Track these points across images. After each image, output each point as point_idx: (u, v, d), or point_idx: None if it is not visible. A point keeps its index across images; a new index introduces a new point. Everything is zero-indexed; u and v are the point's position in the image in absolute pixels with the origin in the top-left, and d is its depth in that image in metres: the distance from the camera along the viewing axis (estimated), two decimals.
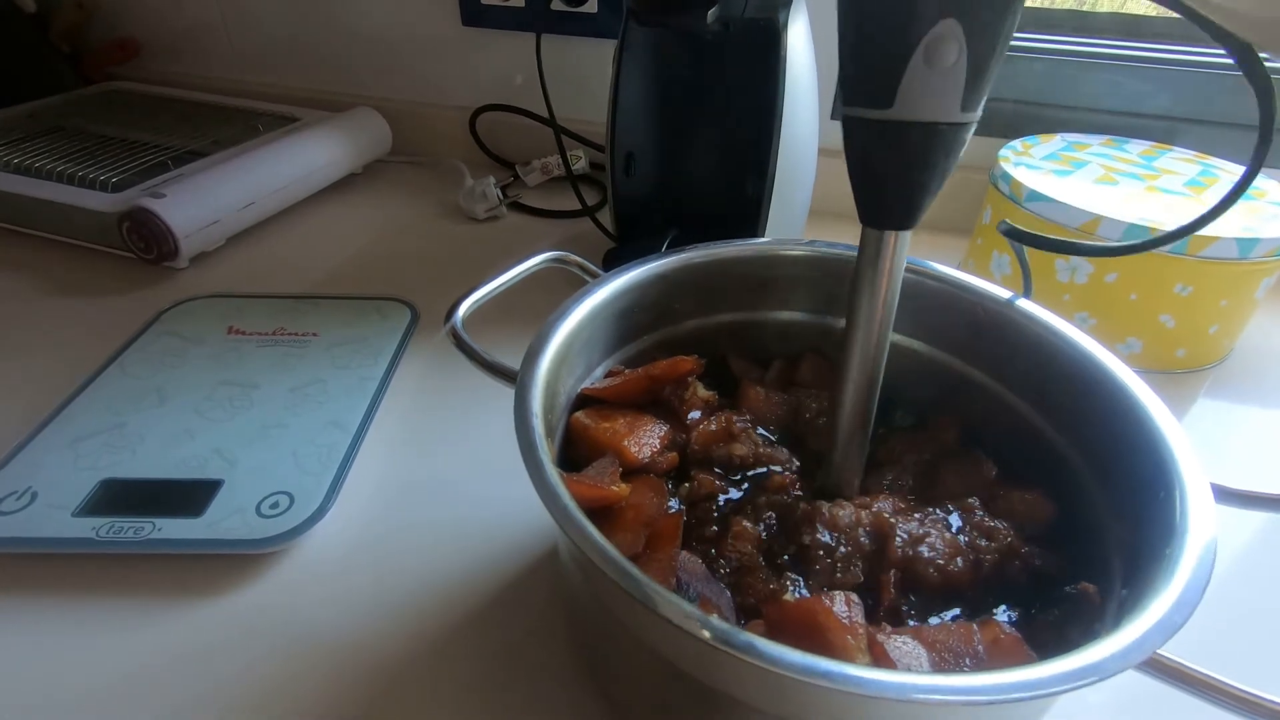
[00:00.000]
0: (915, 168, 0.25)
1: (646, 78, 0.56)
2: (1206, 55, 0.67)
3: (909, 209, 0.27)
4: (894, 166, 0.25)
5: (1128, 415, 0.30)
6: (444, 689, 0.32)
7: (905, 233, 0.27)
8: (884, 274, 0.28)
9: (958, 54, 0.23)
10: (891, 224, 0.27)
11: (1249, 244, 0.48)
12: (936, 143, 0.24)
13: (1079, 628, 0.26)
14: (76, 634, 0.34)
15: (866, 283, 0.29)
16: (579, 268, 0.40)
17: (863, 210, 0.28)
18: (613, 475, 0.30)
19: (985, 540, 0.31)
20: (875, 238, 0.28)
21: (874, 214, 0.27)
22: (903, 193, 0.26)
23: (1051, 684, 0.20)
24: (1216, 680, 0.21)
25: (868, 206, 0.27)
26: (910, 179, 0.25)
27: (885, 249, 0.28)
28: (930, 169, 0.25)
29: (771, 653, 0.20)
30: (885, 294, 0.29)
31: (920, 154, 0.25)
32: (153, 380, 0.47)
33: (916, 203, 0.26)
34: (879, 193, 0.27)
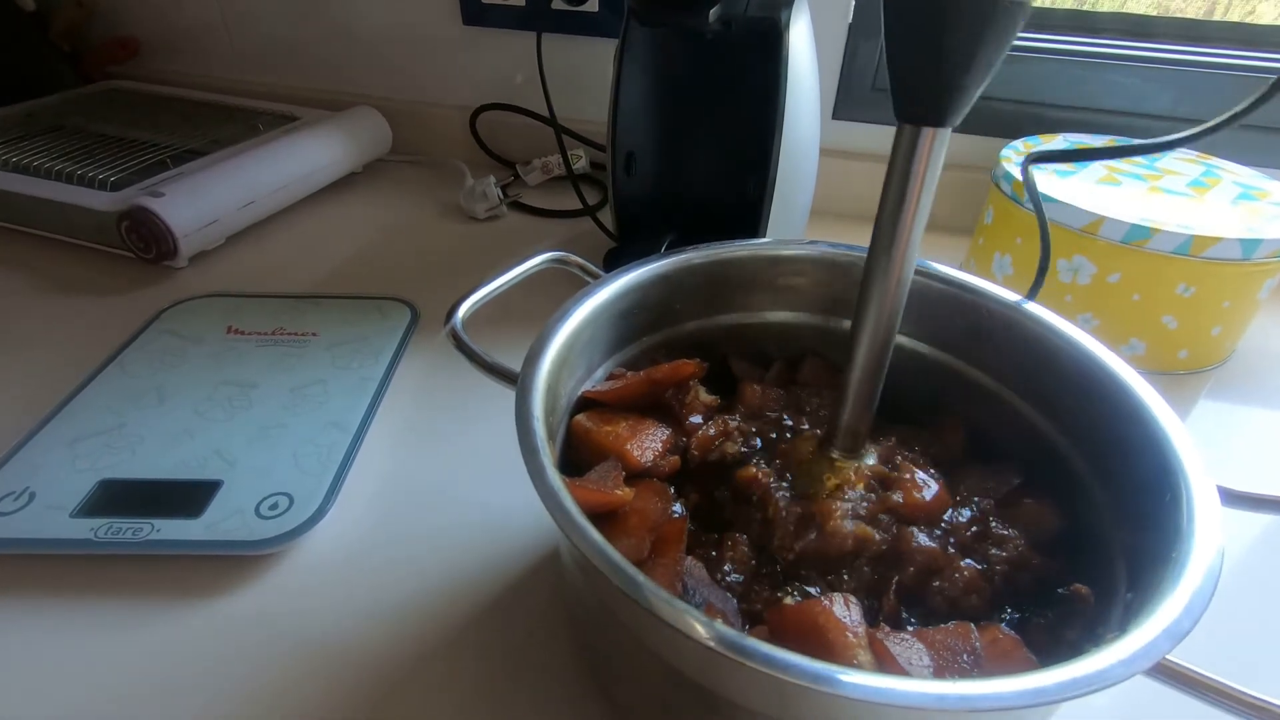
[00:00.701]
0: (962, 51, 0.23)
1: (647, 77, 0.56)
2: (1209, 55, 0.67)
3: (954, 98, 0.24)
4: (940, 43, 0.23)
5: (1132, 418, 0.29)
6: (445, 691, 0.32)
7: (945, 132, 0.25)
8: (918, 178, 0.26)
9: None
10: (932, 118, 0.25)
11: (1252, 245, 0.48)
12: (990, 22, 0.22)
13: (1074, 629, 0.26)
14: (74, 635, 0.34)
15: (896, 188, 0.26)
16: (579, 268, 0.40)
17: (900, 101, 0.25)
18: (616, 479, 0.30)
19: (996, 549, 0.31)
20: (911, 136, 0.25)
21: (912, 105, 0.25)
22: (947, 77, 0.23)
23: (1059, 691, 0.19)
24: (1224, 685, 0.20)
25: (906, 95, 0.25)
26: (957, 60, 0.23)
27: (921, 148, 0.25)
28: (977, 54, 0.22)
29: (776, 658, 0.20)
30: (916, 204, 0.26)
31: (972, 35, 0.22)
32: (152, 380, 0.47)
33: (961, 92, 0.24)
34: (920, 77, 0.24)
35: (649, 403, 0.35)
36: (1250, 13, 0.72)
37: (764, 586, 0.28)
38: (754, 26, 0.50)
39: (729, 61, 0.53)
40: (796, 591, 0.28)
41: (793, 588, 0.28)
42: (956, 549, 0.31)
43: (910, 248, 0.27)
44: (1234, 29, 0.69)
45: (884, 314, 0.29)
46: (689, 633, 0.20)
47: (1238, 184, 0.56)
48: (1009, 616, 0.29)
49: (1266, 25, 0.68)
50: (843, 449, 0.32)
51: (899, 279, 0.28)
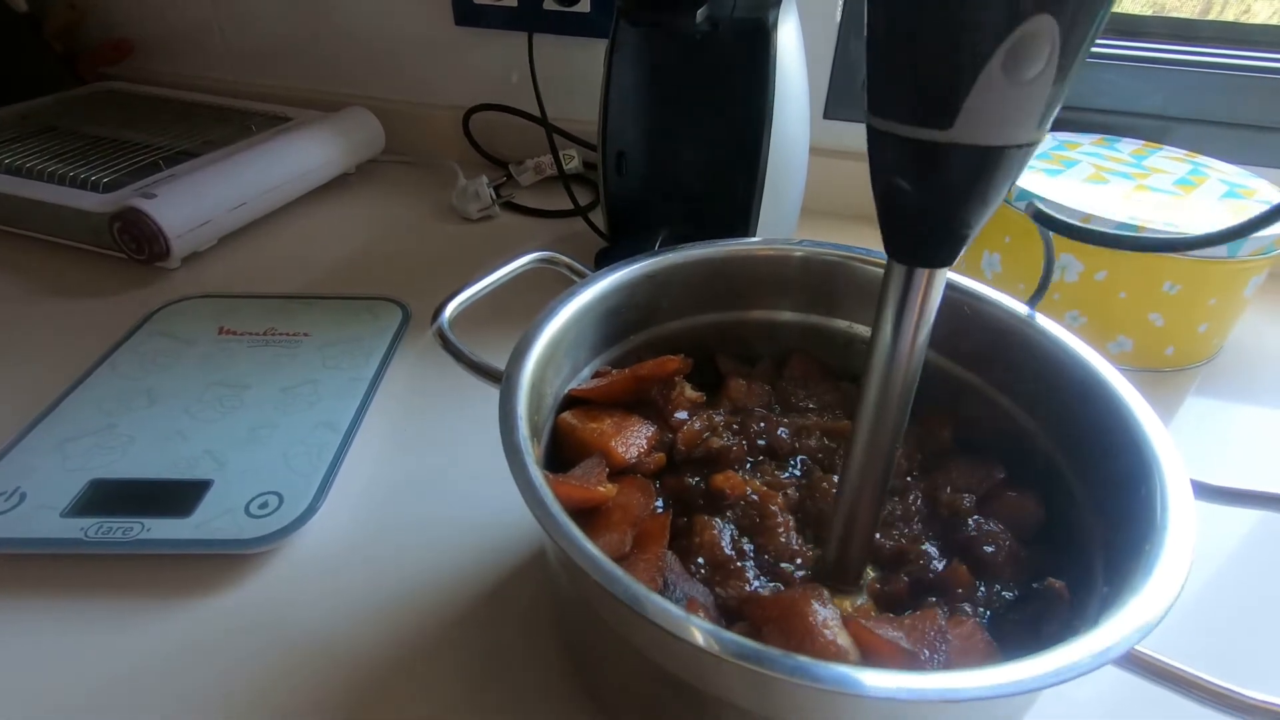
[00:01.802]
0: (971, 199, 0.20)
1: (638, 77, 0.56)
2: (1199, 54, 0.67)
3: (954, 244, 0.22)
4: (943, 197, 0.21)
5: (1109, 413, 0.30)
6: (431, 689, 0.32)
7: (943, 270, 0.23)
8: (913, 317, 0.23)
9: (1047, 59, 0.18)
10: (929, 261, 0.22)
11: (1237, 243, 0.48)
12: (1002, 169, 0.20)
13: (1051, 624, 0.27)
14: (65, 635, 0.34)
15: (891, 327, 0.24)
16: (567, 268, 0.40)
17: (892, 244, 0.23)
18: (599, 476, 0.30)
19: (988, 546, 0.31)
20: (904, 275, 0.23)
21: (908, 249, 0.22)
22: (949, 226, 0.21)
23: (1032, 683, 0.20)
24: (1194, 676, 0.21)
25: (900, 240, 0.23)
26: (962, 212, 0.21)
27: (915, 289, 0.23)
28: (989, 200, 0.20)
29: (758, 653, 0.20)
30: (914, 342, 0.24)
31: (980, 183, 0.20)
32: (143, 381, 0.47)
33: (963, 237, 0.21)
34: (917, 225, 0.22)
35: (635, 399, 0.36)
36: (1245, 12, 0.72)
37: (738, 578, 0.29)
38: (742, 27, 0.51)
39: (718, 62, 0.53)
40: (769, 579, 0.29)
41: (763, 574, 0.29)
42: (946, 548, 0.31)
43: (910, 380, 0.25)
44: (1228, 28, 0.69)
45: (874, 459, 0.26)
46: (671, 629, 0.21)
47: (1224, 182, 0.57)
48: (984, 612, 0.29)
49: (1259, 25, 0.69)
50: (837, 583, 0.29)
51: (895, 423, 0.26)
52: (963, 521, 0.31)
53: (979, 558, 0.30)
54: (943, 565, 0.30)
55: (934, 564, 0.30)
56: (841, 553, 0.29)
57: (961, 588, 0.29)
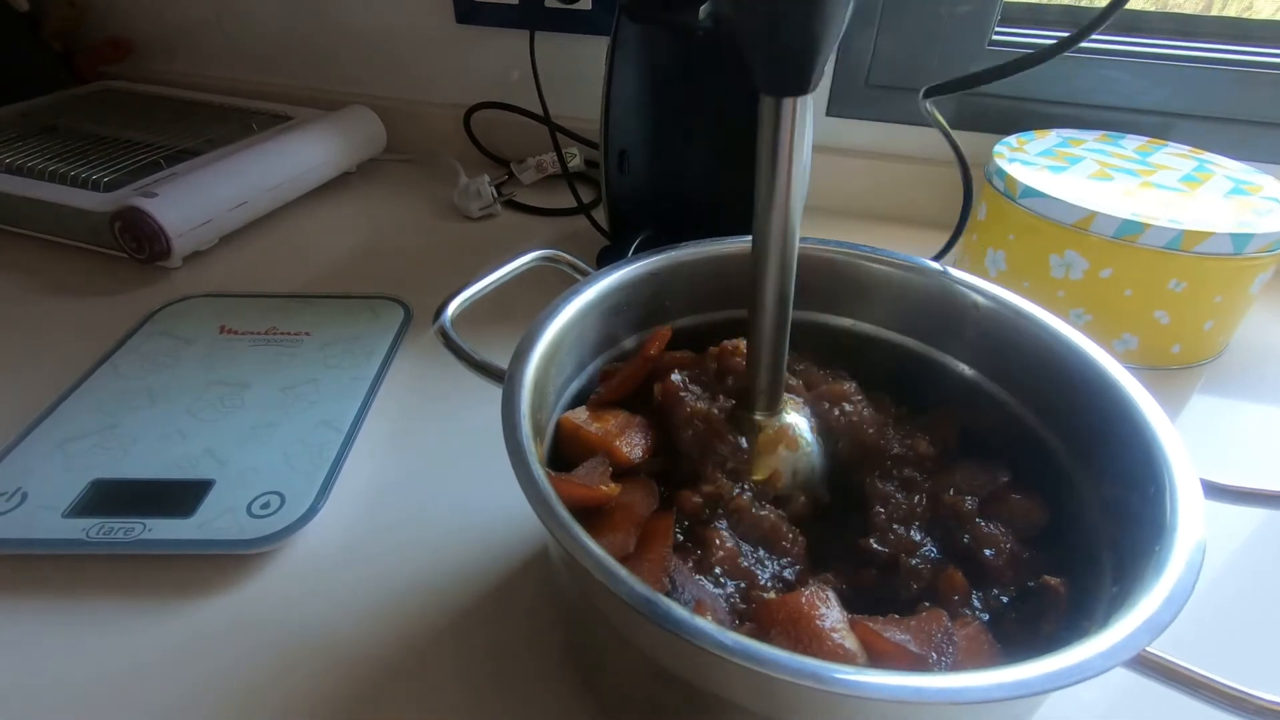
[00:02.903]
0: (809, 22, 0.23)
1: (640, 75, 0.56)
2: (1203, 50, 0.66)
3: (807, 66, 0.25)
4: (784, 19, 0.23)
5: (1117, 411, 0.29)
6: (434, 689, 0.32)
7: (807, 99, 0.26)
8: (786, 147, 0.26)
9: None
10: (793, 88, 0.25)
11: (1243, 239, 0.48)
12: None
13: (1049, 622, 0.26)
14: (66, 635, 0.34)
15: (767, 161, 0.27)
16: (570, 266, 0.40)
17: (760, 76, 0.26)
18: (602, 475, 0.30)
19: (988, 550, 0.31)
20: (774, 107, 0.26)
21: (773, 76, 0.25)
22: (800, 43, 0.24)
23: (1040, 684, 0.20)
24: (1204, 677, 0.21)
25: (765, 70, 0.25)
26: (807, 25, 0.23)
27: (785, 117, 0.26)
28: (825, 23, 0.23)
29: (763, 655, 0.20)
30: (790, 171, 0.27)
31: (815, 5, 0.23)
32: (144, 380, 0.47)
33: (815, 53, 0.24)
34: (774, 48, 0.25)
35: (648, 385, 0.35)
36: (1247, 8, 0.72)
37: (752, 584, 0.28)
38: None
39: (720, 58, 0.53)
40: (778, 585, 0.28)
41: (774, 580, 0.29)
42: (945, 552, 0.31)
43: (791, 212, 0.28)
44: (1230, 24, 0.69)
45: (780, 274, 0.30)
46: (677, 630, 0.20)
47: (1230, 178, 0.56)
48: (979, 611, 0.29)
49: (1263, 20, 0.68)
50: (762, 409, 0.33)
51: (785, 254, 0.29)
52: (963, 525, 0.31)
53: (979, 562, 0.30)
54: (935, 574, 0.30)
55: (926, 569, 0.30)
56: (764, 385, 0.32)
57: (957, 594, 0.29)
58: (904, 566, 0.30)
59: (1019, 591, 0.29)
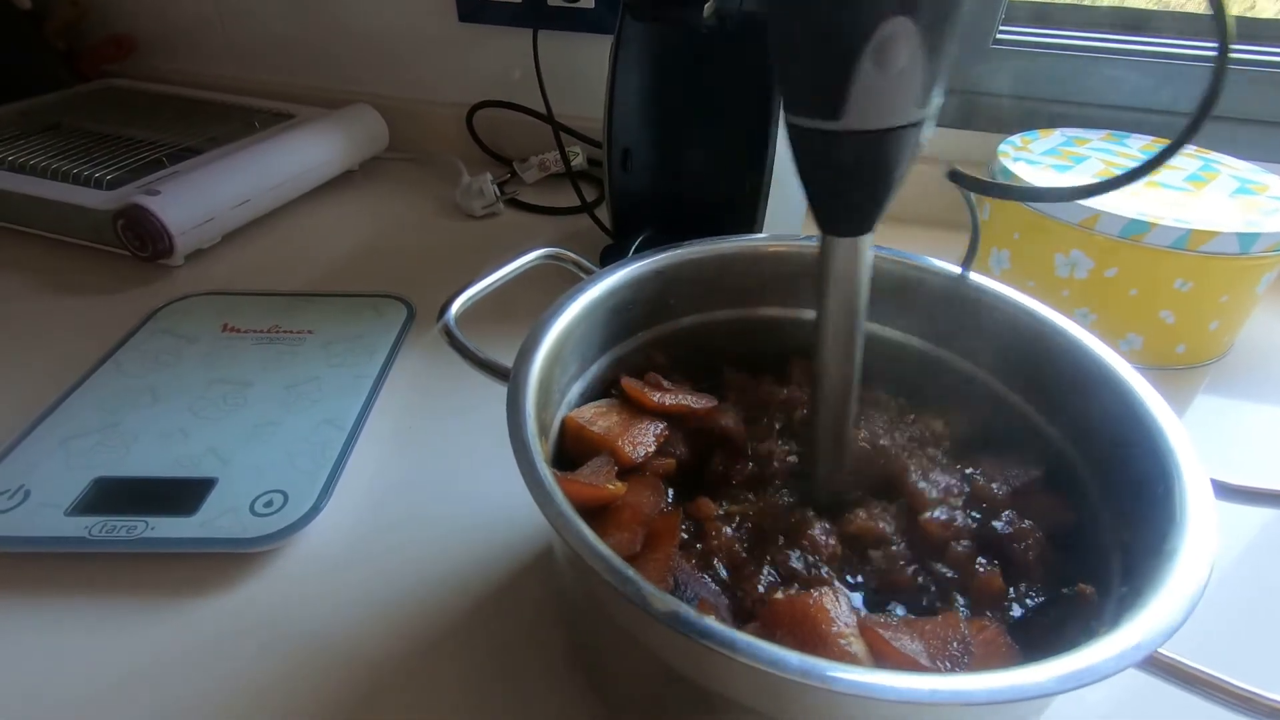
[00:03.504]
0: (876, 174, 0.24)
1: (643, 73, 0.55)
2: (1208, 50, 0.66)
3: (870, 214, 0.25)
4: (851, 176, 0.24)
5: (1126, 411, 0.29)
6: (437, 688, 0.32)
7: (868, 236, 0.26)
8: (847, 280, 0.27)
9: (910, 54, 0.21)
10: (852, 230, 0.26)
11: (1250, 239, 0.48)
12: (895, 146, 0.23)
13: (1077, 627, 0.26)
14: (68, 634, 0.34)
15: (834, 289, 0.28)
16: (574, 264, 0.40)
17: (820, 218, 0.27)
18: (608, 474, 0.30)
19: (1018, 545, 0.30)
20: (835, 244, 0.27)
21: (833, 222, 0.26)
22: (863, 199, 0.25)
23: (1052, 686, 0.19)
24: (1215, 678, 0.20)
25: (826, 215, 0.26)
26: (870, 186, 0.24)
27: (845, 255, 0.27)
28: (891, 173, 0.24)
29: (770, 654, 0.20)
30: (854, 299, 0.28)
31: (879, 160, 0.23)
32: (147, 379, 0.47)
33: (877, 206, 0.25)
34: (836, 201, 0.26)
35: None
36: (1250, 7, 0.72)
37: (753, 580, 0.28)
38: (748, 21, 0.50)
39: (724, 56, 0.53)
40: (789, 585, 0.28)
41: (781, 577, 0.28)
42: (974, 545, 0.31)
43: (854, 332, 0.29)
44: (1236, 24, 0.69)
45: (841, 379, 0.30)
46: (683, 630, 0.20)
47: (1236, 178, 0.56)
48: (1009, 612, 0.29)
49: (1267, 19, 0.68)
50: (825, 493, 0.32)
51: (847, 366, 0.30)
52: (996, 514, 0.31)
53: (1010, 555, 0.30)
54: (969, 564, 0.29)
55: (966, 557, 0.30)
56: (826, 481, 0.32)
57: (992, 596, 0.29)
58: (950, 554, 0.30)
59: (1050, 596, 0.29)
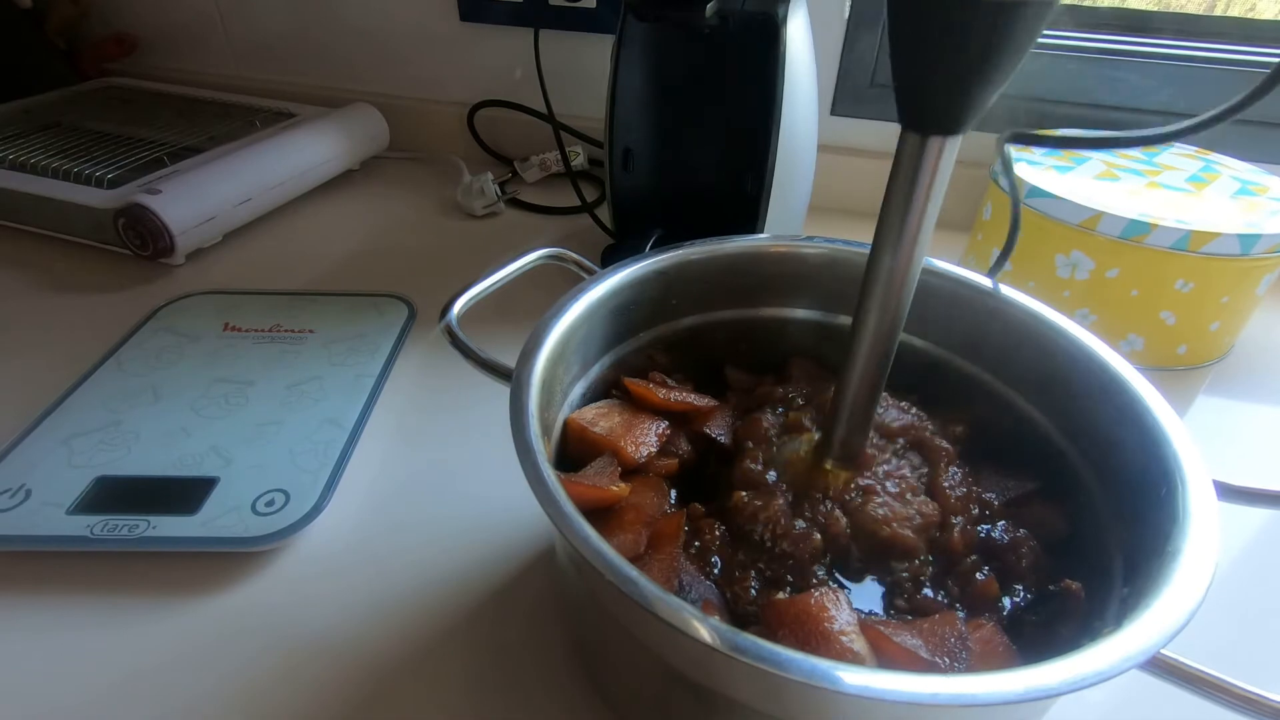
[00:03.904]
0: (991, 53, 0.20)
1: (645, 73, 0.55)
2: (1208, 50, 0.66)
3: (967, 107, 0.21)
4: (964, 52, 0.20)
5: (1128, 412, 0.29)
6: (439, 688, 0.32)
7: (955, 139, 0.22)
8: (923, 191, 0.23)
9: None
10: (941, 127, 0.22)
11: (1250, 240, 0.48)
12: (1020, 25, 0.19)
13: (1067, 626, 0.26)
14: (70, 632, 0.34)
15: (900, 201, 0.24)
16: (576, 264, 0.40)
17: (906, 109, 0.22)
18: (611, 475, 0.30)
19: (1014, 555, 0.30)
20: (917, 145, 0.23)
21: (921, 114, 0.22)
22: (965, 86, 0.21)
23: (1056, 688, 0.19)
24: (1218, 679, 0.20)
25: (914, 104, 0.22)
26: (979, 69, 0.20)
27: (928, 159, 0.23)
28: (1006, 59, 0.20)
29: (774, 655, 0.20)
30: (922, 217, 0.24)
31: (1001, 38, 0.19)
32: (148, 377, 0.47)
33: (977, 100, 0.21)
34: (932, 85, 0.21)
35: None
36: (1251, 8, 0.72)
37: (751, 579, 0.28)
38: (750, 21, 0.50)
39: (726, 56, 0.53)
40: (789, 586, 0.28)
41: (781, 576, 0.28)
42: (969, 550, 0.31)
43: (914, 261, 0.25)
44: (1234, 24, 0.69)
45: (885, 322, 0.27)
46: (686, 630, 0.20)
47: (1236, 179, 0.56)
48: (1003, 614, 0.29)
49: (1268, 20, 0.68)
50: (837, 460, 0.31)
51: (901, 289, 0.26)
52: (992, 524, 0.31)
53: (1006, 564, 0.30)
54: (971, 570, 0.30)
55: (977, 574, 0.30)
56: (846, 435, 0.30)
57: (989, 601, 0.29)
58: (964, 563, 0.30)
59: (1039, 594, 0.29)
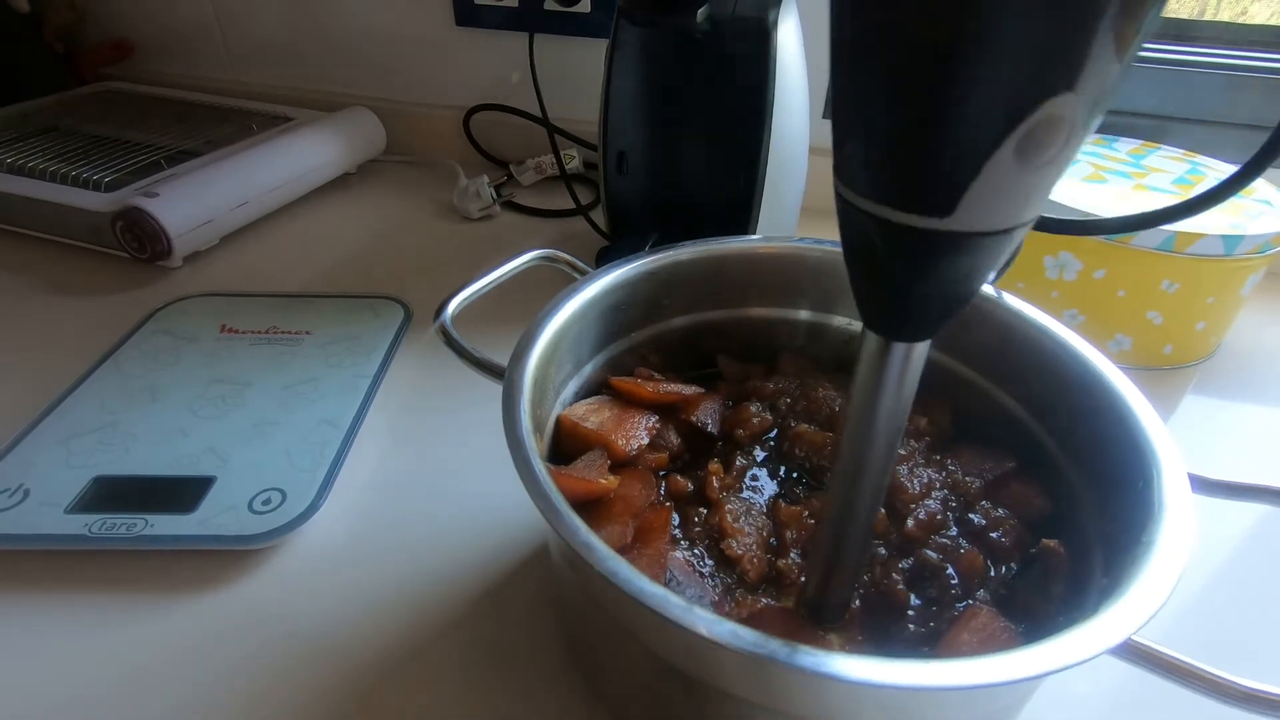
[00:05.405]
0: (970, 279, 0.18)
1: (638, 77, 0.56)
2: (1196, 54, 0.67)
3: (940, 319, 0.20)
4: (935, 281, 0.18)
5: (1108, 409, 0.30)
6: (434, 685, 0.32)
7: (923, 344, 0.21)
8: (892, 389, 0.21)
9: (1065, 140, 0.15)
10: (911, 335, 0.20)
11: (1235, 241, 0.49)
12: (1003, 248, 0.17)
13: (1057, 584, 0.27)
14: (68, 631, 0.34)
15: (869, 397, 0.22)
16: (569, 265, 0.41)
17: (869, 316, 0.21)
18: (601, 468, 0.30)
19: (995, 534, 0.31)
20: (883, 347, 0.21)
21: (888, 323, 0.20)
22: (937, 304, 0.19)
23: (1028, 672, 0.20)
24: (1189, 665, 0.21)
25: (878, 315, 0.20)
26: (956, 292, 0.19)
27: (895, 360, 0.21)
28: (984, 277, 0.18)
29: (765, 646, 0.20)
30: (894, 412, 0.22)
31: (979, 264, 0.18)
32: (146, 378, 0.48)
33: (953, 312, 0.19)
34: (900, 303, 0.19)
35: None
36: (1242, 13, 0.72)
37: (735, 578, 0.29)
38: (742, 25, 0.51)
39: (718, 61, 0.53)
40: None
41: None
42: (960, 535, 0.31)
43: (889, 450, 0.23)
44: (1225, 29, 0.69)
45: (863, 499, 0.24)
46: (671, 616, 0.21)
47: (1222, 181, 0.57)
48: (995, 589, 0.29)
49: (1259, 25, 0.69)
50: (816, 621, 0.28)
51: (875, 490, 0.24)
52: (971, 505, 0.32)
53: (989, 544, 0.30)
54: (954, 556, 0.30)
55: (949, 549, 0.30)
56: (821, 596, 0.27)
57: (976, 576, 0.30)
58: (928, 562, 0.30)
59: (1023, 560, 0.30)
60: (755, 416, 0.36)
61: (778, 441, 0.36)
